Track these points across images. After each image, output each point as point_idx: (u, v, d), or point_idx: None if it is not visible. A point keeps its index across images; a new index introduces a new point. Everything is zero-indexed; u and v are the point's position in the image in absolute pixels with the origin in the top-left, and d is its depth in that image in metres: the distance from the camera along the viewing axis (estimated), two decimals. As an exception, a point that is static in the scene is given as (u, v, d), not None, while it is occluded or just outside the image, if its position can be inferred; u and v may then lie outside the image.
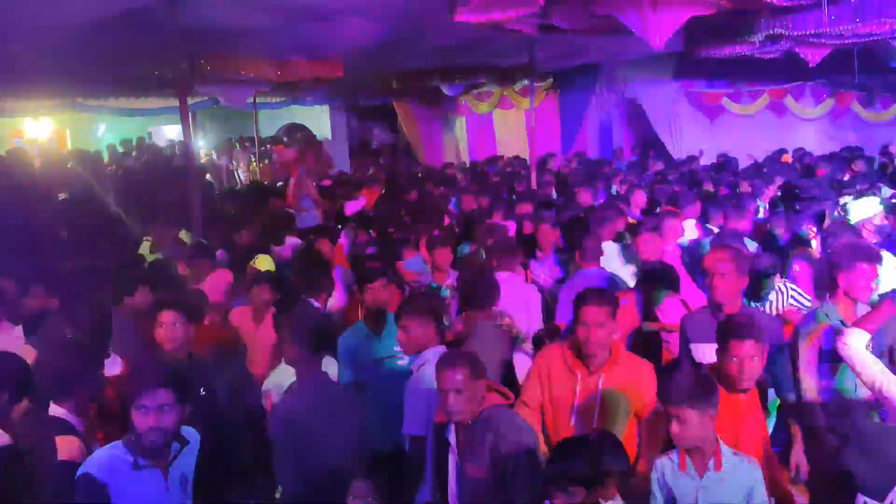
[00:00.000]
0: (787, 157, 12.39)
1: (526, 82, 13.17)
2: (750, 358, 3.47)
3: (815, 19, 7.30)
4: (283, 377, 4.16)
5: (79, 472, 2.98)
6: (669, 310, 5.19)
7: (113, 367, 4.23)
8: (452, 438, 3.37)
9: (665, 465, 3.22)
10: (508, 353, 4.69)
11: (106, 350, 4.22)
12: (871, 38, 8.82)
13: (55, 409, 3.37)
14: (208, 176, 15.28)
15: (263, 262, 6.65)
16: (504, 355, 4.62)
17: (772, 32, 7.90)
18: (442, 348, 4.01)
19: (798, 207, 7.79)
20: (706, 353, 4.11)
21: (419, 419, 3.81)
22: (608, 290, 3.89)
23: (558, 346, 3.89)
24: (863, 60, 11.34)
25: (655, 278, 5.35)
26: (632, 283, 5.69)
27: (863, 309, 4.19)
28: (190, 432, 3.25)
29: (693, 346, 4.27)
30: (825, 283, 4.49)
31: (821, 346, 3.99)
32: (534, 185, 10.51)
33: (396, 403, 4.25)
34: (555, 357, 3.81)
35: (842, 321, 4.03)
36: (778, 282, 5.32)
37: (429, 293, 5.50)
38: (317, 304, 5.19)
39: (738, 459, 3.19)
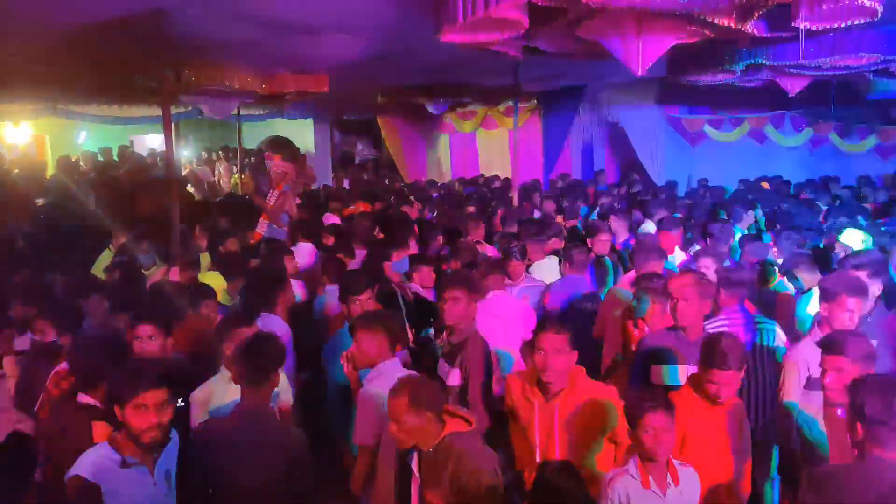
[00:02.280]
0: (766, 185, 12.54)
1: (510, 103, 13.25)
2: (728, 385, 3.59)
3: (794, 51, 7.42)
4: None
5: (69, 475, 3.03)
6: None
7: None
8: (415, 465, 3.36)
9: (628, 483, 3.26)
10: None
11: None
12: (848, 71, 8.96)
13: (84, 398, 3.62)
14: (190, 187, 15.23)
15: (210, 279, 6.51)
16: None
17: (752, 62, 8.02)
18: (396, 361, 4.07)
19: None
20: (663, 374, 4.24)
21: (368, 430, 3.85)
22: (560, 318, 3.93)
23: (518, 375, 3.94)
24: (841, 92, 11.53)
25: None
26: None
27: None
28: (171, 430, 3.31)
29: (653, 368, 4.35)
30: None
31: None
32: (515, 204, 10.56)
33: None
34: (515, 387, 3.87)
35: None
36: None
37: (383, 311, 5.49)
38: (275, 317, 5.19)
39: (687, 469, 3.32)
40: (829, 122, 13.99)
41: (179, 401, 4.04)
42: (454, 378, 4.37)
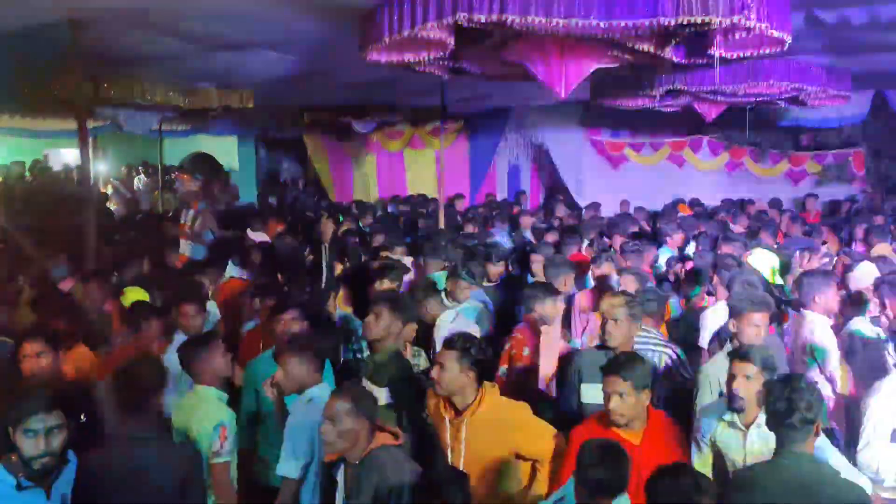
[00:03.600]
0: (684, 207, 12.89)
1: (437, 123, 13.33)
2: (617, 394, 3.57)
3: (710, 77, 7.69)
4: None
5: None
6: None
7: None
8: (340, 478, 3.35)
9: None
10: None
11: None
12: (761, 99, 9.34)
13: None
14: (110, 203, 14.76)
15: (132, 295, 6.29)
16: None
17: (671, 87, 8.27)
18: (325, 386, 3.98)
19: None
20: (594, 393, 4.24)
21: (295, 462, 3.77)
22: (462, 336, 3.87)
23: (434, 393, 3.91)
24: (755, 119, 11.99)
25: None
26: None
27: None
28: (68, 452, 3.22)
29: (583, 386, 4.39)
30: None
31: None
32: (441, 224, 10.58)
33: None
34: (432, 403, 3.90)
35: None
36: None
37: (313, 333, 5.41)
38: None
39: None
40: (744, 147, 14.51)
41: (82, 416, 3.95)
42: (383, 398, 4.29)
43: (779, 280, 7.00)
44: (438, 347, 5.06)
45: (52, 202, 12.43)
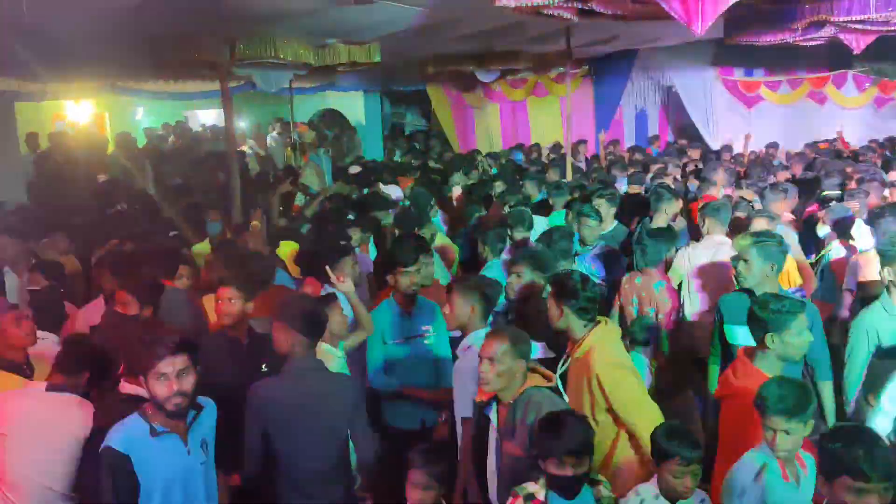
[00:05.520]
0: (825, 146, 12.22)
1: (561, 69, 13.09)
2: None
3: (860, 5, 7.14)
4: None
5: (101, 448, 3.08)
6: None
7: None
8: (493, 416, 3.43)
9: (773, 476, 3.04)
10: None
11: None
12: (919, 25, 8.61)
13: (126, 387, 3.49)
14: (248, 161, 15.42)
15: (286, 248, 6.68)
16: None
17: (816, 18, 7.74)
18: (485, 331, 4.05)
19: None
20: (739, 334, 4.16)
21: (468, 402, 3.88)
22: (562, 274, 3.99)
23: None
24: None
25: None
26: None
27: None
28: (204, 400, 3.34)
29: (726, 328, 4.38)
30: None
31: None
32: (568, 173, 10.46)
33: (422, 383, 4.44)
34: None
35: None
36: None
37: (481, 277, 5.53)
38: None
39: (807, 454, 3.14)
40: (894, 79, 13.49)
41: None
42: (542, 351, 4.38)
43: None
44: None
45: (196, 161, 13.12)
